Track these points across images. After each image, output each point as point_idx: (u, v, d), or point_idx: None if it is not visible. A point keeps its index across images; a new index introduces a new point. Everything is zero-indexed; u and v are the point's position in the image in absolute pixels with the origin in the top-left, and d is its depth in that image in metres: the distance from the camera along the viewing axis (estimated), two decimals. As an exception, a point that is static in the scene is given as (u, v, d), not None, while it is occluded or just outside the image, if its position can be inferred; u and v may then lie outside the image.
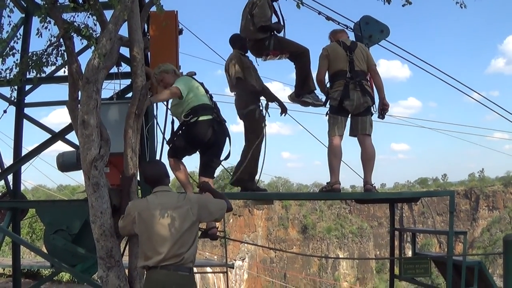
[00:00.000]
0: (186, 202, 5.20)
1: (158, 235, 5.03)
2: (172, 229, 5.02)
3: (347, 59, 8.30)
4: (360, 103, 8.20)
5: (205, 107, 6.68)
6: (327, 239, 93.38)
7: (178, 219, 5.07)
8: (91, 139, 5.22)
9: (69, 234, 7.95)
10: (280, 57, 8.67)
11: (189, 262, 5.16)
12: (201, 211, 5.26)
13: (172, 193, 5.36)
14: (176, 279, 5.00)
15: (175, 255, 5.02)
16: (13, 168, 8.93)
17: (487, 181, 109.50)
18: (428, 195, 14.96)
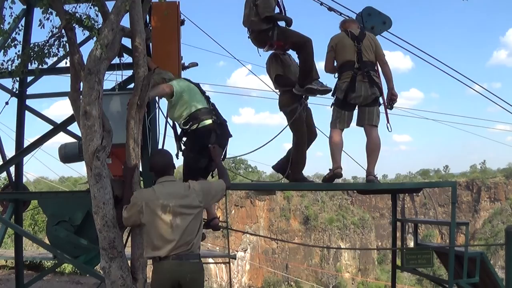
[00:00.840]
0: (191, 190, 5.27)
1: (167, 224, 5.08)
2: (181, 218, 5.09)
3: (355, 49, 8.27)
4: (368, 94, 8.19)
5: (203, 111, 6.61)
6: (329, 230, 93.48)
7: (186, 207, 5.15)
8: (93, 130, 5.22)
9: (71, 225, 7.96)
10: (282, 47, 8.66)
11: (197, 249, 5.24)
12: (206, 197, 5.38)
13: (178, 182, 5.42)
14: (189, 268, 5.10)
15: (185, 242, 5.09)
16: (15, 159, 8.93)
17: (489, 173, 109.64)
18: (430, 186, 14.93)
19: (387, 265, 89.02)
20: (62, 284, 12.77)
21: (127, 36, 6.20)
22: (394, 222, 10.63)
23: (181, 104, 6.50)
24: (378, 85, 8.25)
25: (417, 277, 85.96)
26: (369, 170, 8.41)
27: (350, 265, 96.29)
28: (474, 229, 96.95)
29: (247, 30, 8.64)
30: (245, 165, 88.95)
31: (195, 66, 7.69)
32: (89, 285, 12.07)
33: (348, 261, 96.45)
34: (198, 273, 5.22)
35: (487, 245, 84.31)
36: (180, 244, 5.08)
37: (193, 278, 5.11)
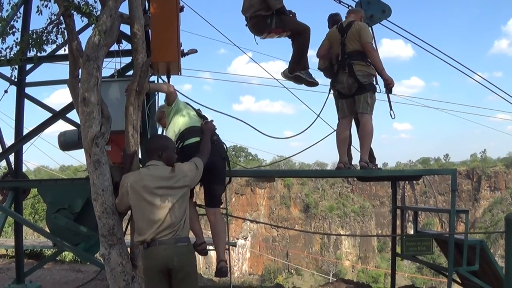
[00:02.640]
0: (178, 172, 5.23)
1: (150, 205, 5.04)
2: (164, 199, 5.05)
3: (340, 42, 8.52)
4: (349, 83, 8.42)
5: (191, 130, 6.39)
6: (329, 218, 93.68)
7: (170, 189, 5.11)
8: (92, 117, 5.19)
9: (71, 213, 7.98)
10: (280, 35, 8.65)
11: (185, 232, 5.20)
12: (192, 177, 5.37)
13: (163, 166, 5.31)
14: (176, 251, 5.02)
15: (170, 225, 5.03)
16: (14, 147, 8.91)
17: (489, 162, 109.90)
18: (430, 173, 15.00)
19: (387, 253, 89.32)
20: (63, 273, 12.79)
21: (126, 22, 6.16)
22: (394, 210, 10.67)
23: (174, 121, 6.47)
24: (361, 73, 8.34)
25: (417, 266, 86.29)
26: (361, 156, 8.55)
27: (350, 253, 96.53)
28: (474, 218, 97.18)
29: (245, 18, 8.64)
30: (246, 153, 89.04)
31: (195, 53, 7.66)
32: (89, 273, 12.08)
33: (348, 249, 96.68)
34: (185, 256, 5.12)
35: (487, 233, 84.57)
36: (164, 226, 5.02)
37: (180, 261, 5.03)
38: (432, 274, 68.41)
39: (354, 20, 8.51)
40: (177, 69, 7.27)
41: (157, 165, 5.29)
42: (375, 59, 8.36)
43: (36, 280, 10.36)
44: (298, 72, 8.81)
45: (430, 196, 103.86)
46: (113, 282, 5.53)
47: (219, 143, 6.51)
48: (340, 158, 8.66)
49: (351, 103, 8.52)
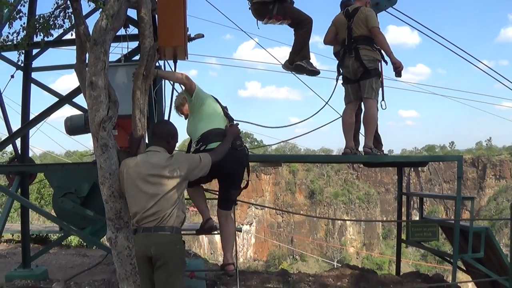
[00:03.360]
0: (174, 161, 5.13)
1: (142, 192, 5.01)
2: (153, 187, 4.99)
3: (346, 27, 8.56)
4: (355, 68, 8.48)
5: (215, 133, 6.15)
6: (334, 205, 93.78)
7: (161, 177, 5.03)
8: (99, 101, 5.19)
9: (77, 197, 8.02)
10: (281, 22, 8.65)
11: (173, 222, 5.06)
12: (190, 170, 5.21)
13: (163, 154, 5.26)
14: (155, 240, 4.94)
15: (154, 213, 4.96)
16: (21, 132, 8.90)
17: (495, 150, 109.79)
18: (436, 159, 15.04)
19: (391, 240, 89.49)
20: (69, 257, 12.84)
21: (133, 7, 6.15)
22: (400, 196, 10.69)
23: (198, 120, 6.27)
24: (367, 58, 8.39)
25: (422, 253, 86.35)
26: (366, 142, 8.63)
27: (355, 239, 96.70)
28: (479, 206, 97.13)
29: (249, 1, 8.64)
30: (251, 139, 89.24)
31: (201, 38, 7.64)
32: (95, 258, 12.11)
33: (353, 235, 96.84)
34: (166, 246, 4.97)
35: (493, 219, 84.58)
36: (149, 213, 4.97)
37: (159, 250, 4.93)
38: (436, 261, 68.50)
39: (360, 6, 8.51)
40: (183, 54, 7.24)
41: (157, 152, 5.25)
42: (383, 43, 8.35)
43: (42, 264, 10.37)
44: (299, 62, 8.83)
45: (435, 184, 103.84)
46: (119, 266, 5.56)
47: (242, 150, 6.33)
48: (347, 144, 8.68)
49: (356, 88, 8.56)
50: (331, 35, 8.98)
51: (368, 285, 8.92)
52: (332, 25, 8.97)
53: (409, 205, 11.04)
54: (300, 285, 8.91)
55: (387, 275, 9.84)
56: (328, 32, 9.02)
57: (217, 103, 6.50)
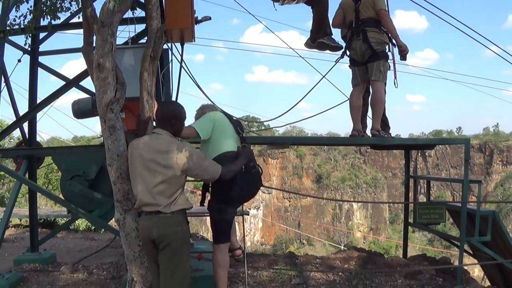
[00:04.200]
0: (176, 150, 4.98)
1: (141, 177, 5.00)
2: (151, 174, 4.95)
3: (353, 9, 8.54)
4: (362, 50, 8.47)
5: (227, 156, 5.81)
6: (341, 189, 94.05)
7: (159, 165, 4.95)
8: (106, 82, 5.19)
9: (85, 179, 8.02)
10: (297, 1, 8.64)
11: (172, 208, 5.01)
12: (190, 166, 5.02)
13: (165, 137, 5.14)
14: (156, 222, 4.94)
15: (155, 203, 4.95)
16: (28, 115, 8.88)
17: (502, 136, 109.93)
18: (443, 142, 14.97)
19: (398, 225, 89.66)
20: (76, 241, 12.91)
21: (140, -11, 6.15)
22: (407, 179, 10.69)
23: (207, 146, 5.89)
24: (375, 40, 8.37)
25: (428, 238, 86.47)
26: (373, 124, 8.62)
27: (362, 224, 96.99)
28: (486, 192, 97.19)
29: None
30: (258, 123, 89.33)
31: (208, 20, 7.61)
32: (103, 242, 12.17)
33: (360, 220, 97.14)
34: (167, 228, 4.94)
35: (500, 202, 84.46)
36: (147, 202, 4.98)
37: (160, 232, 4.92)
38: (443, 246, 68.67)
39: None
40: (191, 37, 7.23)
41: (160, 135, 5.15)
42: (390, 26, 8.33)
43: (50, 248, 10.45)
44: (321, 39, 8.87)
45: (442, 169, 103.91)
46: (127, 247, 5.58)
47: (256, 172, 6.02)
48: (354, 126, 8.68)
49: (364, 70, 8.55)
50: (338, 17, 8.94)
51: (375, 267, 8.94)
52: (339, 8, 8.91)
53: (416, 189, 11.05)
54: (307, 267, 8.95)
55: (394, 258, 9.86)
56: (335, 15, 8.99)
57: (225, 123, 6.05)
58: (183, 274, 5.03)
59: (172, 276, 4.97)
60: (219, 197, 5.81)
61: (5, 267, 8.66)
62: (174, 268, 4.97)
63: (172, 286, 4.98)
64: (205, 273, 7.69)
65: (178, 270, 4.99)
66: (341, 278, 8.38)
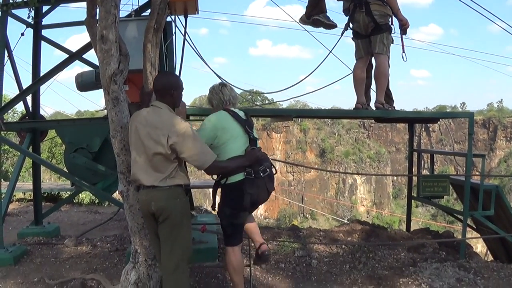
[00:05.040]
0: (169, 128, 4.85)
1: (137, 149, 4.98)
2: (145, 148, 4.90)
3: None
4: (365, 23, 8.37)
5: None
6: (345, 163, 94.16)
7: (152, 139, 4.87)
8: (110, 54, 5.16)
9: (89, 152, 8.04)
10: None
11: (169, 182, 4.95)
12: (178, 148, 4.84)
13: (164, 112, 5.01)
14: (155, 196, 4.90)
15: (147, 176, 4.93)
16: (31, 88, 8.82)
17: (506, 112, 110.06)
18: (447, 116, 14.95)
19: (402, 200, 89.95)
20: (80, 214, 12.96)
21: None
22: (411, 152, 10.69)
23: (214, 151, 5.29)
24: (378, 13, 8.26)
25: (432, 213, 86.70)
26: (377, 97, 8.57)
27: (365, 198, 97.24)
28: (489, 167, 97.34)
29: None
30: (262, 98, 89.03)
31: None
32: (107, 215, 12.20)
33: (363, 194, 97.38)
34: (165, 200, 4.90)
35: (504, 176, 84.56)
36: (140, 175, 4.96)
37: (158, 205, 4.90)
38: (446, 221, 68.83)
39: None
40: (194, 9, 7.19)
41: (160, 109, 5.04)
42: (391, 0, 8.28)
43: (54, 222, 10.48)
44: (316, 16, 8.81)
45: (446, 144, 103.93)
46: (131, 219, 5.60)
47: (268, 176, 5.63)
48: (358, 99, 8.64)
49: (367, 43, 8.49)
50: None
51: (378, 240, 8.97)
52: None
53: (420, 163, 11.05)
54: (311, 240, 8.98)
55: (397, 231, 9.89)
56: None
57: (230, 126, 5.54)
58: (184, 245, 5.03)
59: (173, 248, 4.98)
60: (230, 203, 5.54)
61: (9, 240, 8.68)
62: (174, 240, 4.97)
63: (173, 257, 4.97)
64: (209, 245, 7.76)
65: (178, 242, 4.98)
66: (344, 251, 8.40)
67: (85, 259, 7.84)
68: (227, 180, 5.42)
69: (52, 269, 7.36)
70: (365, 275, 7.33)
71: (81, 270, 7.26)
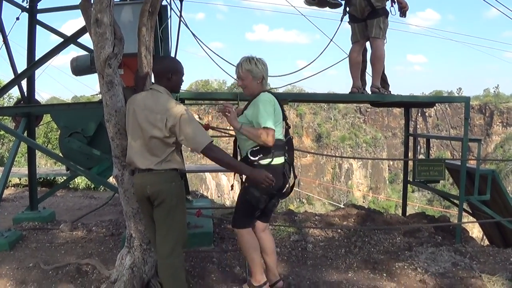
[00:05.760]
0: (167, 111, 4.78)
1: (131, 132, 4.97)
2: (142, 131, 4.86)
3: None
4: (362, 7, 8.36)
5: (279, 145, 5.43)
6: (341, 148, 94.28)
7: (149, 122, 4.82)
8: (104, 37, 5.10)
9: (84, 136, 7.98)
10: None
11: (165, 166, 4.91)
12: (177, 130, 4.76)
13: (162, 95, 4.96)
14: (149, 179, 4.87)
15: (143, 159, 4.90)
16: (27, 73, 8.76)
17: (502, 98, 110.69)
18: (443, 100, 15.03)
19: (398, 185, 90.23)
20: (76, 199, 12.95)
21: None
22: (407, 137, 10.70)
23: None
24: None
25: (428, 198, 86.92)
26: (373, 82, 8.61)
27: (361, 183, 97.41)
28: (486, 153, 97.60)
29: None
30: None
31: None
32: (102, 200, 12.20)
33: (359, 179, 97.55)
34: (160, 184, 4.85)
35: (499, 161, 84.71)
36: (135, 158, 4.94)
37: (154, 188, 4.85)
38: (442, 206, 69.08)
39: None
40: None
41: (158, 92, 5.00)
42: None
43: (49, 207, 10.45)
44: None
45: (442, 130, 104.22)
46: (126, 204, 5.59)
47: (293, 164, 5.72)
48: (354, 83, 8.64)
49: (363, 27, 8.47)
50: None
51: (374, 224, 8.97)
52: None
53: (416, 148, 11.06)
54: (306, 224, 8.99)
55: (393, 216, 9.90)
56: None
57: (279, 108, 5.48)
58: (179, 229, 5.00)
59: (168, 232, 4.95)
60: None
61: (4, 225, 8.69)
62: (170, 224, 4.94)
63: (169, 242, 4.95)
64: (204, 230, 7.76)
65: (174, 225, 4.95)
66: (340, 235, 8.41)
67: (80, 244, 7.84)
68: (272, 160, 5.33)
69: (48, 254, 7.36)
70: (361, 260, 7.33)
71: (76, 255, 7.25)
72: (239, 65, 5.55)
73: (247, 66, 5.49)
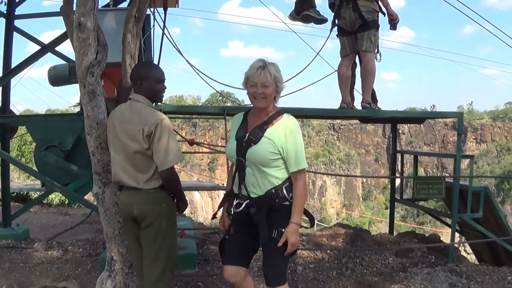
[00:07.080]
0: (140, 118, 4.38)
1: (113, 148, 4.54)
2: (124, 145, 4.42)
3: None
4: (352, 19, 8.12)
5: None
6: (315, 165, 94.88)
7: (129, 136, 4.39)
8: (87, 43, 4.73)
9: (61, 150, 7.63)
10: None
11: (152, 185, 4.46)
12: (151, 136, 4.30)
13: (141, 106, 4.49)
14: (137, 199, 4.44)
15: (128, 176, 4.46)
16: (2, 81, 8.52)
17: (476, 114, 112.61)
18: (435, 116, 14.95)
19: (371, 202, 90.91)
20: (50, 216, 12.65)
21: None
22: (394, 153, 10.60)
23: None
24: (365, 9, 8.02)
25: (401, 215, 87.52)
26: (363, 97, 8.38)
27: (335, 200, 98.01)
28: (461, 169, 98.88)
29: None
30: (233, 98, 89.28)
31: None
32: (77, 217, 11.97)
33: (333, 196, 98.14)
34: (149, 205, 4.43)
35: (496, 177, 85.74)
36: (121, 176, 4.49)
37: (142, 210, 4.43)
38: (416, 223, 69.54)
39: None
40: (174, 2, 6.95)
41: (138, 102, 4.51)
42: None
43: (23, 223, 10.11)
44: (306, 11, 8.65)
45: (415, 146, 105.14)
46: (107, 224, 5.18)
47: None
48: (343, 98, 8.42)
49: (353, 40, 8.25)
50: None
51: (365, 244, 8.75)
52: None
53: (395, 165, 10.94)
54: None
55: (383, 235, 9.69)
56: None
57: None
58: (168, 253, 4.58)
59: (157, 256, 4.51)
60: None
61: (-24, 243, 8.30)
62: (159, 248, 4.49)
63: (158, 266, 4.51)
64: (188, 251, 7.44)
65: (163, 249, 4.52)
66: (330, 256, 8.15)
67: (56, 265, 7.45)
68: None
69: (22, 276, 6.97)
70: (354, 282, 7.08)
71: (53, 277, 6.88)
72: (263, 68, 4.32)
73: (274, 71, 4.34)
